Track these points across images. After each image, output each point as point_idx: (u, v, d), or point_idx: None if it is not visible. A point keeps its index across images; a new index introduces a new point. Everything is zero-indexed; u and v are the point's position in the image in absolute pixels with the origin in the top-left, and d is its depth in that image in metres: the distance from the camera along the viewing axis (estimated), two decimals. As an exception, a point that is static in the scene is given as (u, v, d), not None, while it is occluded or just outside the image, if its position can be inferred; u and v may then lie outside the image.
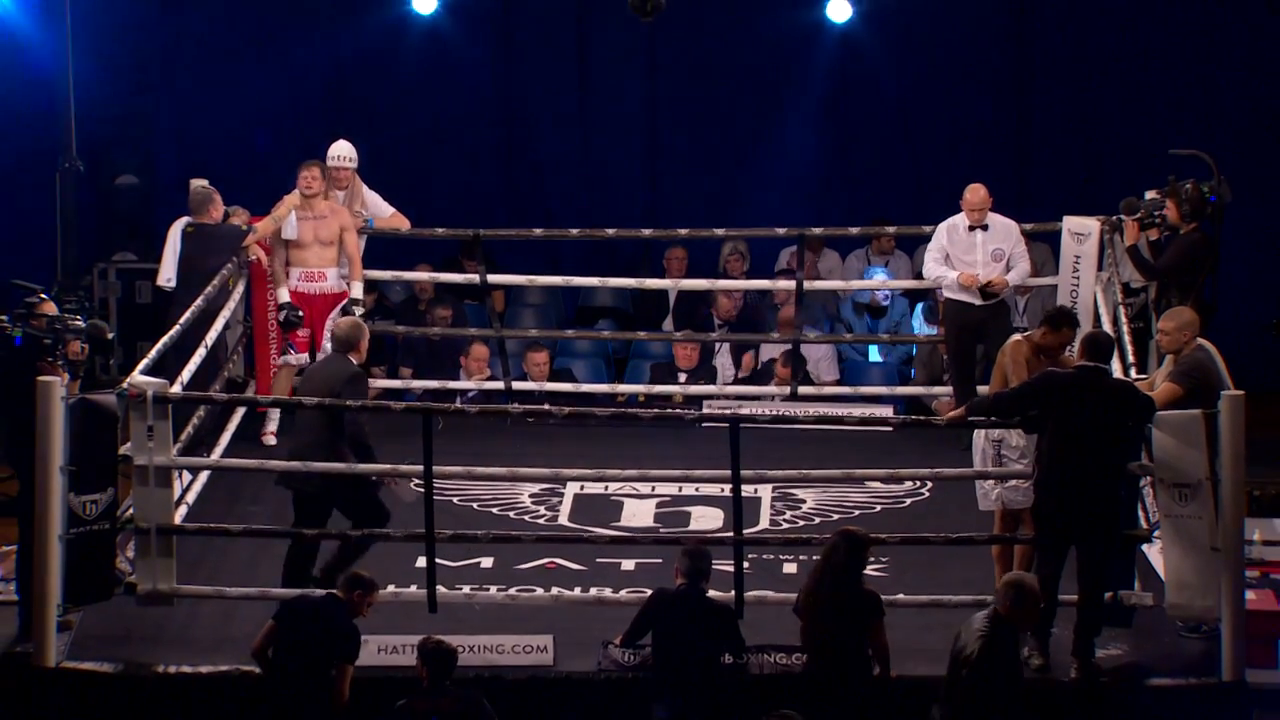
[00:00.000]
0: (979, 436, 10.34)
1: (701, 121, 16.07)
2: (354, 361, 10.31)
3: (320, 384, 10.24)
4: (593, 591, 10.34)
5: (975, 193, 12.50)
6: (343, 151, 13.06)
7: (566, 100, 16.16)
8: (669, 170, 16.22)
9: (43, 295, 10.09)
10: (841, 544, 9.04)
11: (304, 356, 12.78)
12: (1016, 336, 10.49)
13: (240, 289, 12.83)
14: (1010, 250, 12.49)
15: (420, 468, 9.81)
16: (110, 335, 10.47)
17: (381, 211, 13.23)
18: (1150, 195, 12.16)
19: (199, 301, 11.92)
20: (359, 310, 12.68)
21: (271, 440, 12.70)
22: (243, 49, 15.84)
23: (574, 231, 13.96)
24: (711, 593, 9.54)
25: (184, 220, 12.72)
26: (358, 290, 12.77)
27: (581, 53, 16.11)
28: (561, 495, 11.96)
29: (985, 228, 12.46)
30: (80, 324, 9.98)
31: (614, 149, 16.19)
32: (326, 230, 12.70)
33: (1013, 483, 10.17)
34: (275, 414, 12.82)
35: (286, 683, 8.92)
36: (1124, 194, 12.42)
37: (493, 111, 16.18)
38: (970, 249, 12.51)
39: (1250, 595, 9.73)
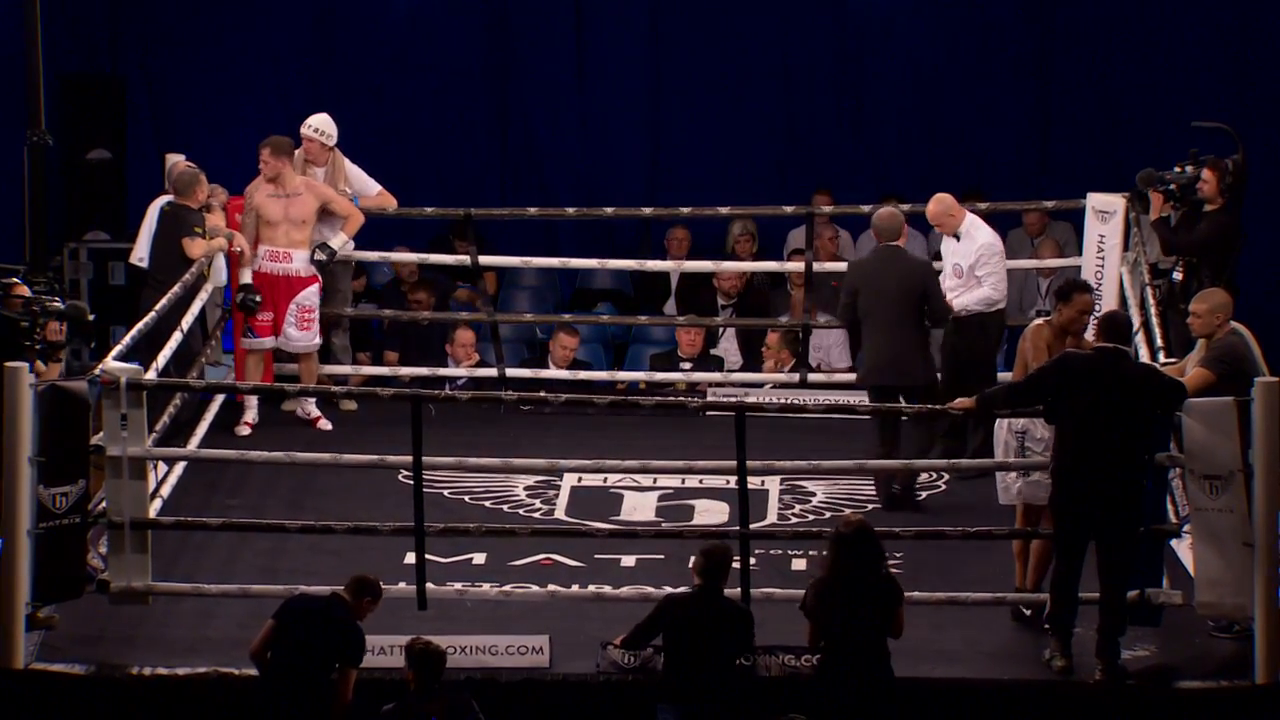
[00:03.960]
0: (1001, 428, 10.33)
1: (706, 95, 16.03)
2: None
3: (896, 281, 11.49)
4: (591, 589, 10.33)
5: (932, 203, 12.33)
6: (315, 124, 12.98)
7: (563, 72, 16.13)
8: (671, 146, 16.19)
9: (15, 278, 10.08)
10: (856, 531, 9.00)
11: (266, 341, 12.75)
12: (1037, 321, 10.47)
13: (220, 271, 12.83)
14: (970, 267, 12.33)
15: (409, 458, 9.80)
16: (90, 316, 10.45)
17: (368, 189, 13.20)
18: (1178, 169, 12.11)
19: (175, 287, 11.90)
20: (320, 255, 12.60)
21: (247, 431, 12.65)
22: (222, 17, 15.80)
23: (570, 211, 13.93)
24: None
25: (165, 199, 12.71)
26: (337, 241, 12.70)
27: (579, 20, 16.08)
28: (558, 487, 11.95)
29: (958, 238, 12.36)
30: (59, 305, 9.97)
31: (613, 123, 16.16)
32: (298, 209, 12.65)
33: (1035, 477, 10.15)
34: (254, 403, 12.80)
35: (284, 685, 8.91)
36: (1158, 169, 12.38)
37: (485, 84, 16.15)
38: (946, 255, 12.49)
39: (1284, 593, 9.72)
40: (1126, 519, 9.55)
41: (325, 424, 12.91)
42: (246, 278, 12.69)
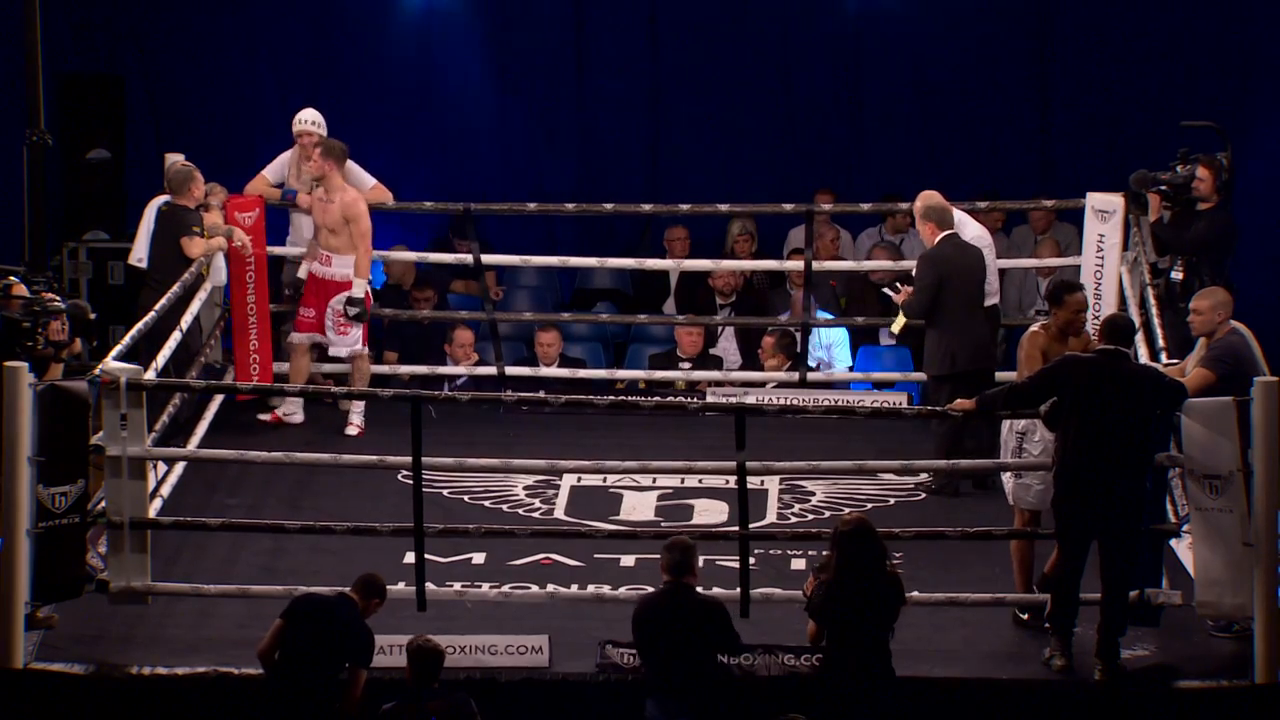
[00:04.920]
0: (1004, 427, 10.33)
1: (706, 93, 16.03)
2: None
3: (972, 268, 11.81)
4: (591, 589, 10.34)
5: (919, 200, 12.19)
6: (311, 118, 13.00)
7: (563, 69, 16.13)
8: (671, 145, 16.20)
9: (13, 278, 10.08)
10: (857, 530, 9.02)
11: (302, 336, 12.78)
12: (1033, 328, 10.47)
13: (220, 271, 12.84)
14: None
15: (409, 458, 9.81)
16: (92, 315, 10.45)
17: (363, 184, 13.18)
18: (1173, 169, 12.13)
19: (175, 287, 11.91)
20: (353, 310, 12.65)
21: (299, 418, 12.87)
22: (222, 15, 15.81)
23: (570, 206, 13.90)
24: (716, 590, 9.56)
25: (161, 199, 12.71)
26: (359, 287, 12.70)
27: (579, 17, 16.08)
28: (557, 487, 11.97)
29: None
30: (60, 304, 9.96)
31: (613, 123, 16.16)
32: (330, 216, 12.69)
33: (1025, 479, 10.16)
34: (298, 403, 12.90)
35: (294, 684, 8.93)
36: (1151, 169, 12.40)
37: (485, 84, 16.15)
38: None
39: (1284, 593, 9.73)
40: (1129, 519, 9.56)
41: (353, 430, 12.86)
42: (301, 272, 12.87)
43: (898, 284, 12.24)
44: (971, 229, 12.21)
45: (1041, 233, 14.82)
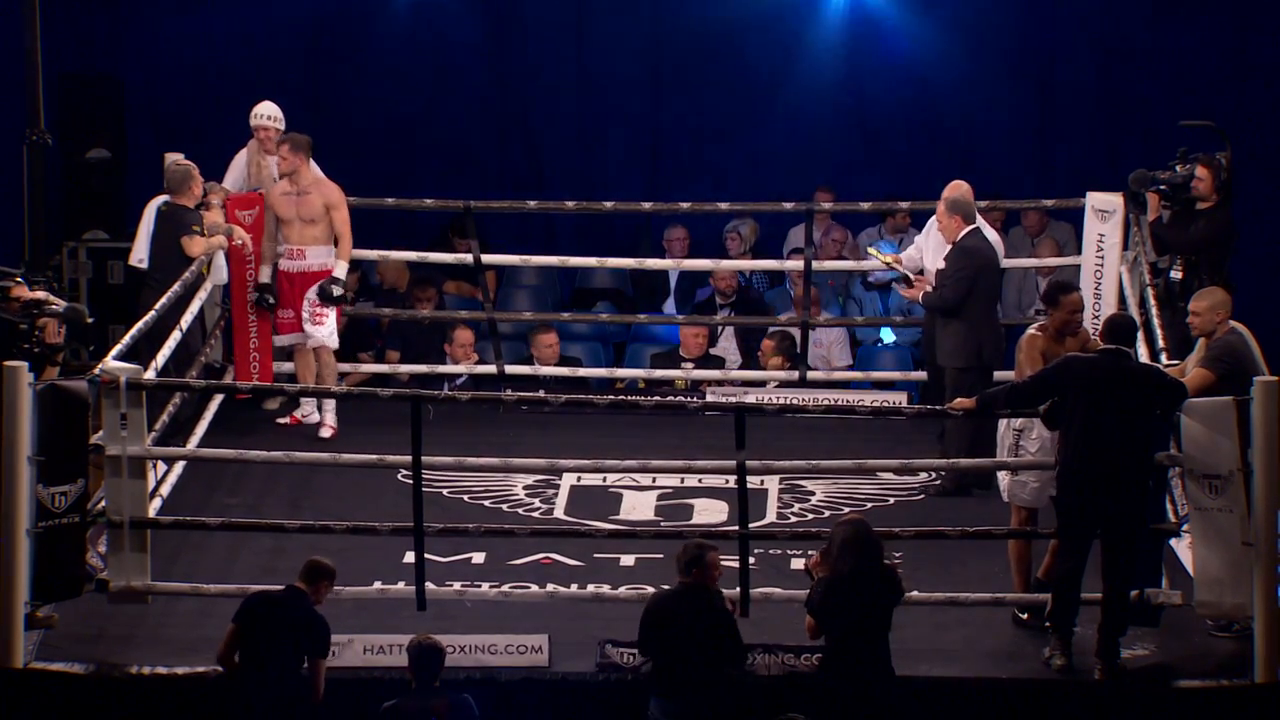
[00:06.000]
0: (1001, 425, 10.33)
1: (706, 91, 16.03)
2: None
3: (995, 265, 11.88)
4: (590, 588, 10.33)
5: (950, 189, 12.28)
6: (268, 111, 13.04)
7: (564, 67, 16.12)
8: (671, 144, 16.19)
9: (18, 279, 10.06)
10: (856, 530, 9.01)
11: (288, 338, 12.80)
12: (1031, 330, 10.47)
13: (220, 270, 12.83)
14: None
15: (409, 458, 9.80)
16: (89, 319, 10.45)
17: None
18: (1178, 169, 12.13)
19: (175, 286, 11.90)
20: (337, 290, 12.66)
21: (316, 417, 12.77)
22: (219, 13, 15.80)
23: (570, 204, 13.89)
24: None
25: (160, 199, 12.70)
26: (340, 269, 12.73)
27: (580, 14, 16.08)
28: (557, 487, 11.96)
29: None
30: (58, 307, 9.95)
31: (613, 120, 16.15)
32: (308, 207, 12.69)
33: (1021, 477, 10.15)
34: (331, 406, 12.81)
35: (257, 684, 8.92)
36: (1151, 169, 12.40)
37: (485, 84, 16.15)
38: (933, 242, 12.46)
39: (1284, 592, 9.72)
40: (1131, 518, 9.56)
41: (326, 432, 12.83)
42: (265, 276, 12.73)
43: (905, 275, 12.23)
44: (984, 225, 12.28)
45: (1036, 235, 14.81)
